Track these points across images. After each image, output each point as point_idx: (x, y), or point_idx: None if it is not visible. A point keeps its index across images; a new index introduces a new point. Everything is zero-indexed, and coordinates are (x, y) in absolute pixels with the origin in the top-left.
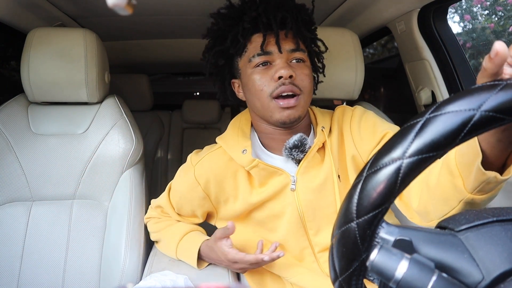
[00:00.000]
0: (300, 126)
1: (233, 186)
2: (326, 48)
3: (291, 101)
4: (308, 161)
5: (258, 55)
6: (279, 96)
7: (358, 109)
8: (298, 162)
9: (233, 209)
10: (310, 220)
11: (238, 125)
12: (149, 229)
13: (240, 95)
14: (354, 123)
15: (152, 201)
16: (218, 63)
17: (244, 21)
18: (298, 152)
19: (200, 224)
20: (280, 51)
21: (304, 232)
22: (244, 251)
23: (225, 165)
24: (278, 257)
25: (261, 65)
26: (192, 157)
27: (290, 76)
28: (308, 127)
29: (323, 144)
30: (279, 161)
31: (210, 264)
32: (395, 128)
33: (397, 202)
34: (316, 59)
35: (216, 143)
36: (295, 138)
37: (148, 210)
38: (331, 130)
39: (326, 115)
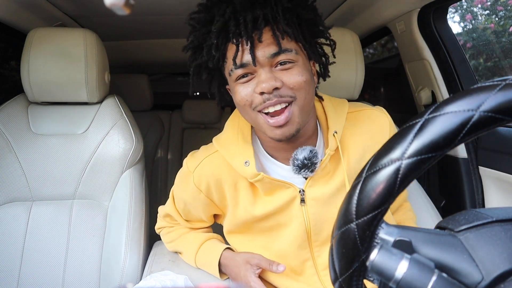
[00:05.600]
0: (306, 133)
1: (233, 195)
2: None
3: (281, 119)
4: (317, 175)
5: (235, 68)
6: (267, 112)
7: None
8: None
9: (234, 218)
10: (316, 233)
11: (237, 125)
12: (163, 240)
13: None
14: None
15: (160, 209)
16: (201, 77)
17: (212, 32)
18: (307, 171)
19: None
20: (254, 63)
21: (307, 244)
22: None
23: (225, 171)
24: None
25: (243, 77)
26: (188, 163)
27: (275, 88)
28: (315, 128)
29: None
30: (286, 171)
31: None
32: None
33: None
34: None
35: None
36: (304, 154)
37: (157, 220)
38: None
39: (340, 116)
